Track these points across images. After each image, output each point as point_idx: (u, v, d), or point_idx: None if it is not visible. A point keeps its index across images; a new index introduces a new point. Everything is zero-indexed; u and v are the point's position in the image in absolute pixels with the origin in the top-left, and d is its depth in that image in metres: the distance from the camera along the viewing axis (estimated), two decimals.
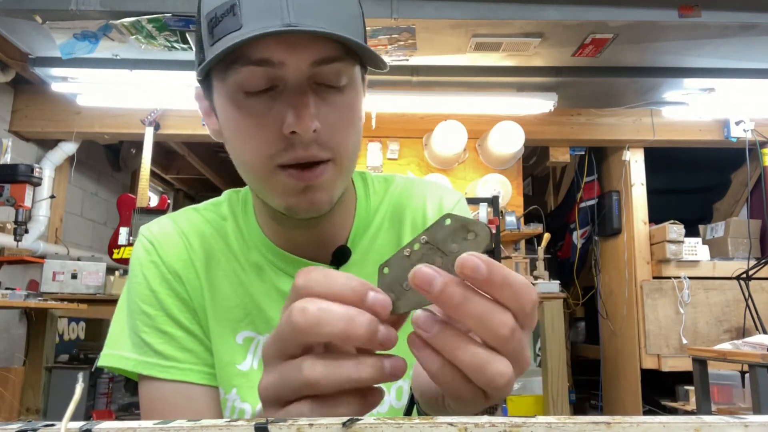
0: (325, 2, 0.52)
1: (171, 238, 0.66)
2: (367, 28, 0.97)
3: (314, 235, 0.64)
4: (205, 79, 0.58)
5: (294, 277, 0.62)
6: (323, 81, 0.54)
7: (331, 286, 0.34)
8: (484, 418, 0.29)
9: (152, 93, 3.24)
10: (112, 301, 3.17)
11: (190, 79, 3.10)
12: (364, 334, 0.32)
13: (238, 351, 0.63)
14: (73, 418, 0.31)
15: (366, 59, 0.56)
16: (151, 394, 0.62)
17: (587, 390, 4.13)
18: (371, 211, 0.69)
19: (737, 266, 3.19)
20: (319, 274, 0.35)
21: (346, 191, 0.64)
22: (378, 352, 0.35)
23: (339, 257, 0.65)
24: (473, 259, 0.31)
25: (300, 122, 0.51)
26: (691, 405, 3.01)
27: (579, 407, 3.98)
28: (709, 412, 2.26)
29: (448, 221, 0.32)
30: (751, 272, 2.69)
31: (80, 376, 0.41)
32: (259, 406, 0.63)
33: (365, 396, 0.35)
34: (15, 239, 2.79)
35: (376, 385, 0.35)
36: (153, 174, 4.36)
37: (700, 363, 2.32)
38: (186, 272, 0.64)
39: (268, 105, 0.53)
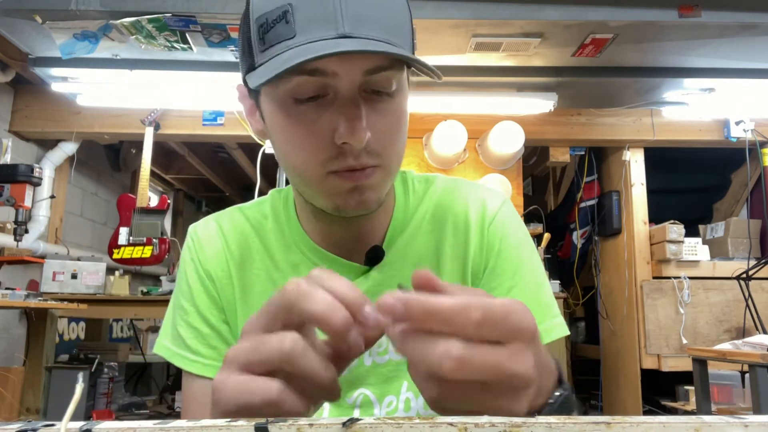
0: (378, 10, 0.52)
1: (212, 239, 0.69)
2: None
3: (352, 233, 0.65)
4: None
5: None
6: (374, 88, 0.54)
7: (336, 283, 0.37)
8: (484, 418, 0.29)
9: (152, 93, 3.24)
10: (112, 301, 3.18)
11: (190, 79, 3.10)
12: (339, 324, 0.34)
13: None
14: (73, 418, 0.31)
15: (419, 70, 0.56)
16: (187, 387, 0.66)
17: (587, 390, 4.13)
18: (409, 212, 0.69)
19: (737, 266, 3.18)
20: (332, 274, 0.38)
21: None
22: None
23: (372, 257, 0.65)
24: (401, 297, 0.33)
25: (353, 134, 0.52)
26: (691, 405, 3.01)
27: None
28: (709, 412, 2.26)
29: None
30: (751, 272, 2.69)
31: (80, 376, 0.41)
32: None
33: (323, 391, 0.37)
34: (15, 239, 2.79)
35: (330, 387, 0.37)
36: (153, 174, 4.36)
37: (700, 363, 2.32)
38: (218, 272, 0.67)
39: (318, 113, 0.53)
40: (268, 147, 3.40)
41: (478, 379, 0.31)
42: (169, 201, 3.58)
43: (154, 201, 3.64)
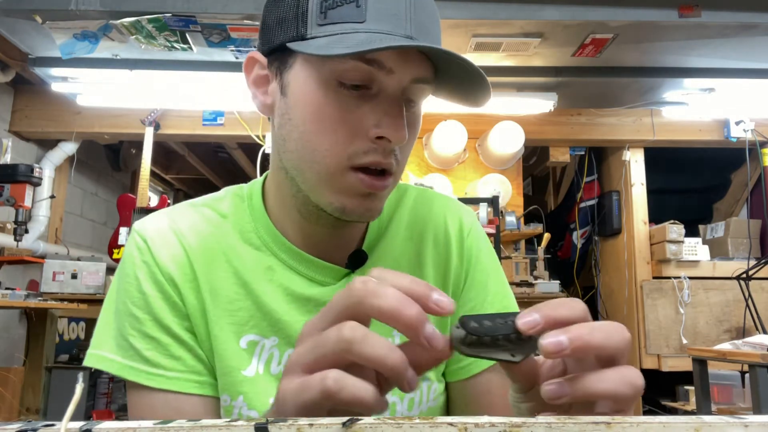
0: (432, 25, 0.54)
1: (166, 238, 0.61)
2: None
3: (335, 236, 0.63)
4: (280, 51, 0.54)
5: (306, 278, 0.63)
6: (409, 96, 0.55)
7: (400, 279, 0.36)
8: (484, 418, 0.29)
9: (152, 93, 3.24)
10: None
11: (190, 79, 3.10)
12: (412, 317, 0.34)
13: (243, 356, 0.60)
14: (73, 418, 0.31)
15: (465, 97, 0.57)
16: (140, 402, 0.59)
17: None
18: (385, 217, 0.68)
19: (737, 266, 3.19)
20: (392, 272, 0.37)
21: None
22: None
23: (355, 261, 0.64)
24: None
25: (396, 131, 0.52)
26: (691, 405, 3.01)
27: None
28: (709, 412, 2.26)
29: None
30: (751, 272, 2.69)
31: (80, 376, 0.41)
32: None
33: (379, 396, 0.35)
34: (15, 239, 2.79)
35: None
36: (153, 174, 4.36)
37: (700, 363, 2.32)
38: (181, 275, 0.60)
39: (359, 103, 0.53)
40: (268, 147, 3.40)
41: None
42: (169, 201, 3.59)
43: (154, 201, 3.65)
